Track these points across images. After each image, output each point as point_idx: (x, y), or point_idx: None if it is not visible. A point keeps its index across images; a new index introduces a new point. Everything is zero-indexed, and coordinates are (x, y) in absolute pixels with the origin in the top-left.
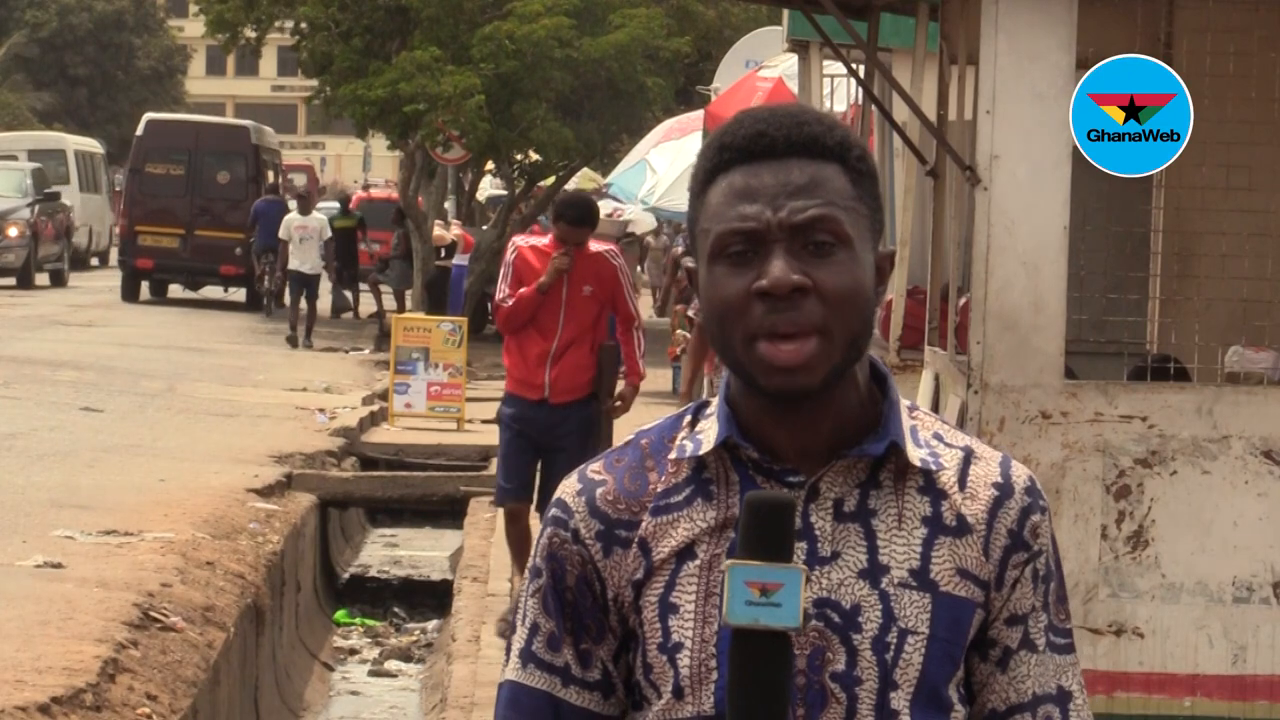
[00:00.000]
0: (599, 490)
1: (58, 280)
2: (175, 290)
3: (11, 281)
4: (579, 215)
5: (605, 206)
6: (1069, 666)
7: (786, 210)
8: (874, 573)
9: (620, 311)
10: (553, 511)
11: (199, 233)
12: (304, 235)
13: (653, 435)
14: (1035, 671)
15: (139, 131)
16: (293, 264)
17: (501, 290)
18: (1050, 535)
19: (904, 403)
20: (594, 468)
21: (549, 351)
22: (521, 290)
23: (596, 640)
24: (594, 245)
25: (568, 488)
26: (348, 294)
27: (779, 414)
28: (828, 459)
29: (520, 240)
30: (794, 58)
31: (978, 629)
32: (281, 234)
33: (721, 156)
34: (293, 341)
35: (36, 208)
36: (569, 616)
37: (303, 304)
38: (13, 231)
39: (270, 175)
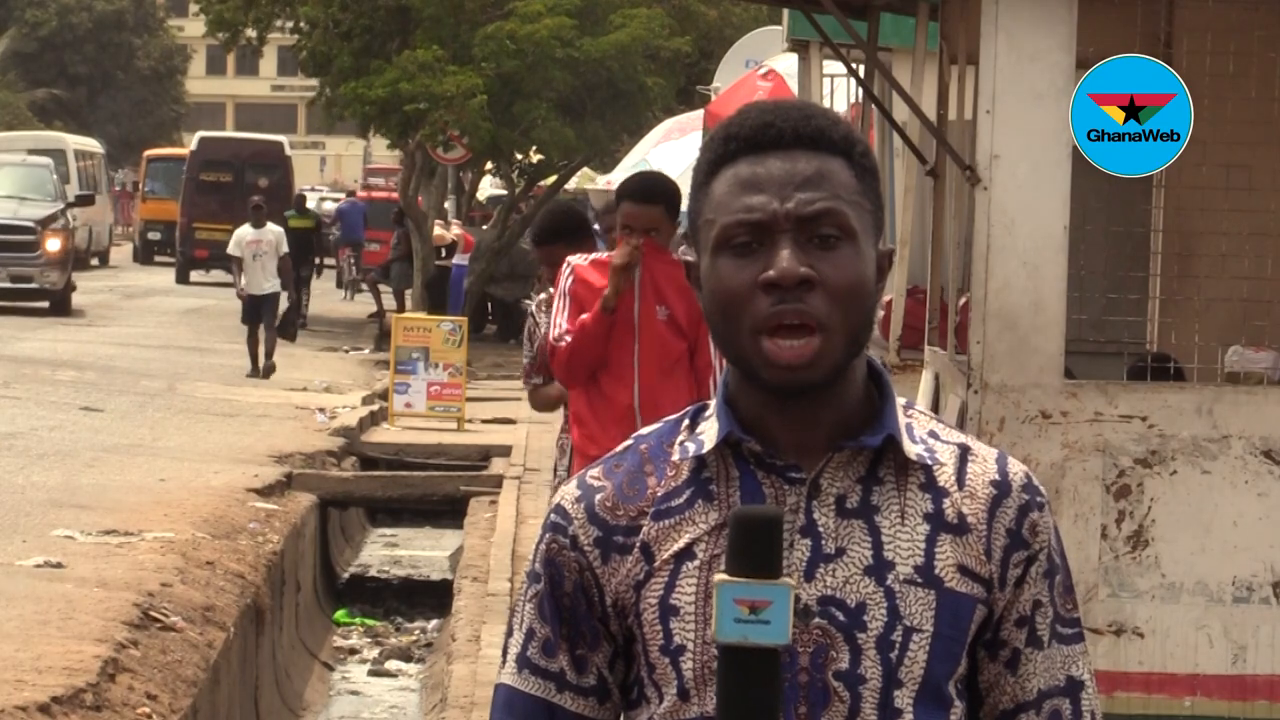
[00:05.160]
0: (598, 496)
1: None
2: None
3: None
4: (647, 189)
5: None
6: (1078, 656)
7: (794, 202)
8: (879, 569)
9: (699, 356)
10: (552, 518)
11: None
12: (257, 251)
13: (651, 440)
14: (1041, 668)
15: (193, 146)
16: (246, 283)
17: (557, 326)
18: (1052, 529)
19: (899, 400)
20: (593, 473)
21: (632, 405)
22: (582, 318)
23: (592, 646)
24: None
25: (567, 494)
26: (304, 308)
27: (780, 407)
28: (826, 454)
29: (576, 259)
30: (792, 56)
31: (981, 626)
32: (232, 250)
33: (727, 147)
34: (255, 374)
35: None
36: (565, 622)
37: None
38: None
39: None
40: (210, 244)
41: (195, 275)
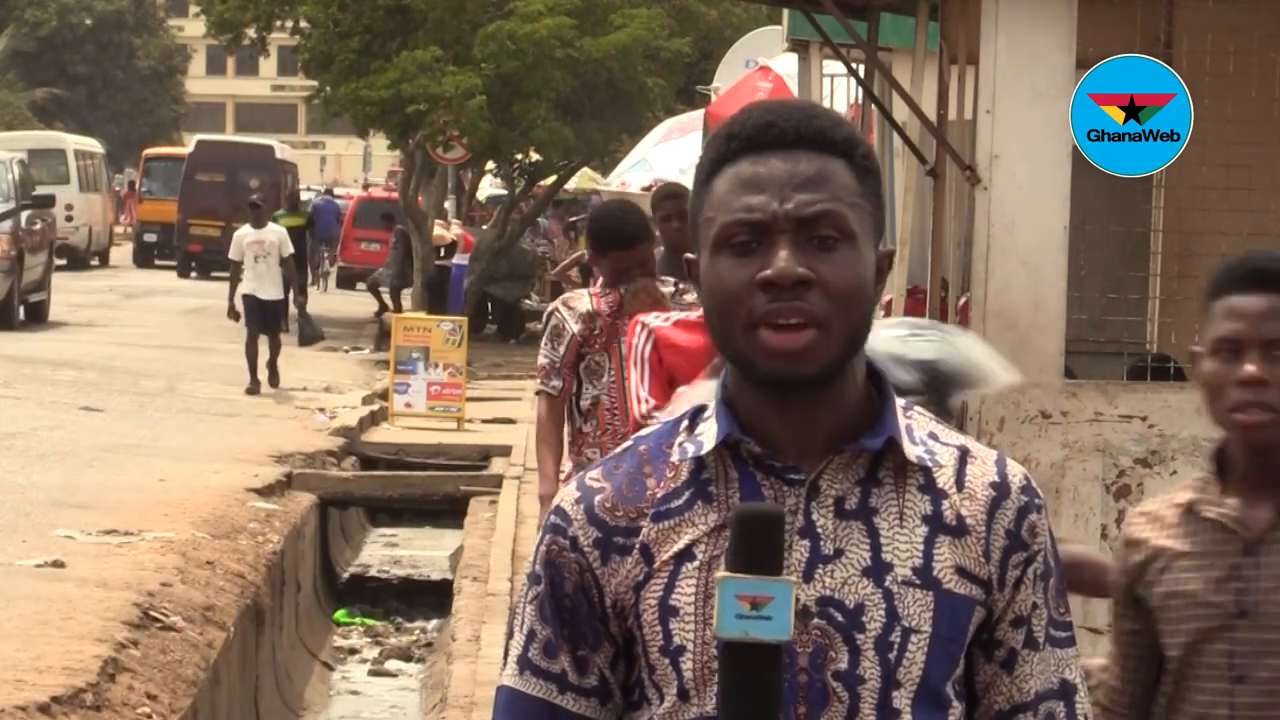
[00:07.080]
0: (597, 498)
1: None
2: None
3: None
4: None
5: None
6: (1070, 659)
7: (794, 202)
8: (878, 571)
9: None
10: (551, 519)
11: (234, 225)
12: (259, 253)
13: (650, 441)
14: (1037, 669)
15: (190, 149)
16: (246, 288)
17: (643, 401)
18: (1048, 531)
19: (899, 401)
20: (592, 475)
21: None
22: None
23: (593, 647)
24: None
25: (567, 495)
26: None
27: (778, 406)
28: (826, 456)
29: (654, 321)
30: (792, 56)
31: (978, 627)
32: (233, 254)
33: (729, 146)
34: (254, 391)
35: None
36: (566, 623)
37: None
38: None
39: (288, 182)
40: (204, 239)
41: (193, 273)
